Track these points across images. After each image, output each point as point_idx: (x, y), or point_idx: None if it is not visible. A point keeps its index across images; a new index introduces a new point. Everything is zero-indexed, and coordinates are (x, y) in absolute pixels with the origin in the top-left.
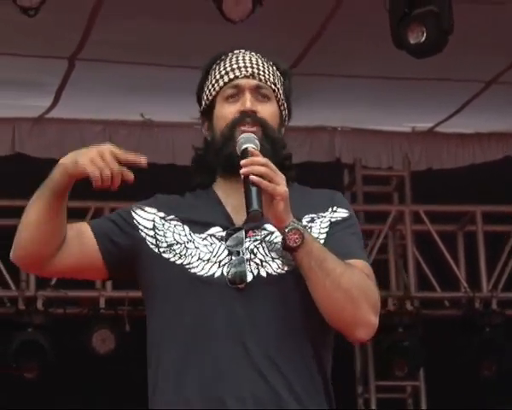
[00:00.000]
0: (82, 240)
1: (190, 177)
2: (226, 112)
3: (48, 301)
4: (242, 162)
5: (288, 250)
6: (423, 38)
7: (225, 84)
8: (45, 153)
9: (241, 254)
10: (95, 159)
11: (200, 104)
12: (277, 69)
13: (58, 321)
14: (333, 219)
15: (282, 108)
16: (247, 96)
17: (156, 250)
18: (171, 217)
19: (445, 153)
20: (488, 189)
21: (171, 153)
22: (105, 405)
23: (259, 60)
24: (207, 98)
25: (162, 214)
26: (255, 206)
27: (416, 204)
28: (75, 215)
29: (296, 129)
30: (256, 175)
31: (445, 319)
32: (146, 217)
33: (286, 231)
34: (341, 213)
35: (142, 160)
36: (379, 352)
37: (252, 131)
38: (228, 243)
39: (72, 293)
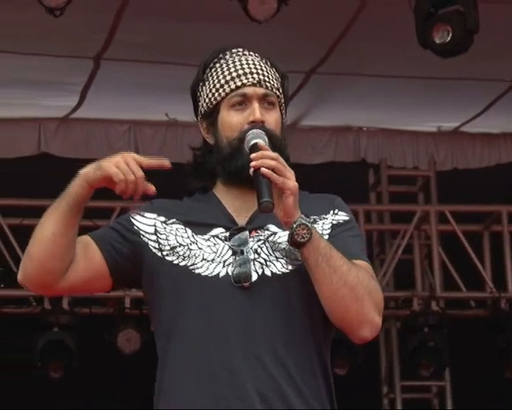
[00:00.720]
0: (87, 253)
1: (187, 179)
2: (234, 121)
3: (73, 300)
4: (253, 156)
5: (295, 246)
6: (449, 38)
7: (232, 91)
8: (70, 153)
9: (245, 254)
10: (119, 162)
11: (194, 101)
12: (276, 70)
13: (83, 321)
14: (334, 222)
15: (282, 112)
16: (256, 105)
17: (159, 254)
18: (173, 220)
19: (470, 153)
20: None
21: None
22: (130, 405)
23: (262, 63)
24: (210, 102)
25: (163, 218)
26: (266, 197)
27: (441, 204)
28: (98, 215)
29: (321, 129)
30: (266, 168)
31: (470, 320)
32: (146, 222)
33: (294, 226)
34: (342, 216)
35: (166, 163)
36: (404, 352)
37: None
38: (231, 242)
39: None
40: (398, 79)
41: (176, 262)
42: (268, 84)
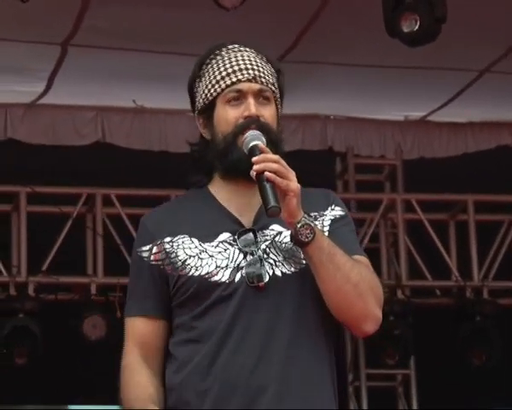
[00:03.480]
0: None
1: (186, 174)
2: (230, 116)
3: (39, 286)
4: (255, 159)
5: (299, 245)
6: (416, 27)
7: (227, 86)
8: (37, 139)
9: (255, 255)
10: None
11: (191, 97)
12: (272, 65)
13: (49, 307)
14: (332, 217)
15: (278, 106)
16: (251, 100)
17: (175, 273)
18: (178, 237)
19: (437, 142)
20: (480, 178)
21: (163, 140)
22: (94, 391)
23: (257, 59)
24: (206, 98)
25: (168, 239)
26: (273, 202)
27: (407, 193)
28: (66, 202)
29: (289, 117)
30: (269, 172)
31: (435, 308)
32: (154, 251)
33: (298, 226)
34: (339, 211)
35: None
36: (369, 340)
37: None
38: (240, 244)
39: (64, 279)
40: (365, 68)
41: (190, 274)
42: (263, 80)
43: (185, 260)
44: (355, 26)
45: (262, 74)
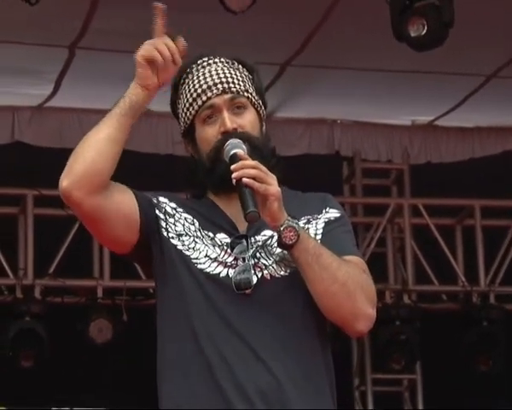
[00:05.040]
0: (124, 193)
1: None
2: (208, 135)
3: (45, 289)
4: (233, 167)
5: (284, 248)
6: (424, 31)
7: (199, 107)
8: (44, 142)
9: (246, 261)
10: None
11: (177, 118)
12: (244, 67)
13: (55, 310)
14: (326, 220)
15: (258, 108)
16: (225, 114)
17: (165, 234)
18: (182, 209)
19: (444, 147)
20: (487, 183)
21: (170, 143)
22: (101, 394)
23: (227, 67)
24: (185, 121)
25: (173, 205)
26: (251, 207)
27: (414, 197)
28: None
29: (296, 121)
30: (247, 178)
31: (442, 313)
32: (159, 201)
33: (281, 229)
34: (334, 213)
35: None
36: (376, 345)
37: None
38: (234, 250)
39: (70, 282)
40: (372, 72)
41: (179, 248)
42: (234, 89)
43: (181, 235)
44: (362, 30)
45: (232, 84)
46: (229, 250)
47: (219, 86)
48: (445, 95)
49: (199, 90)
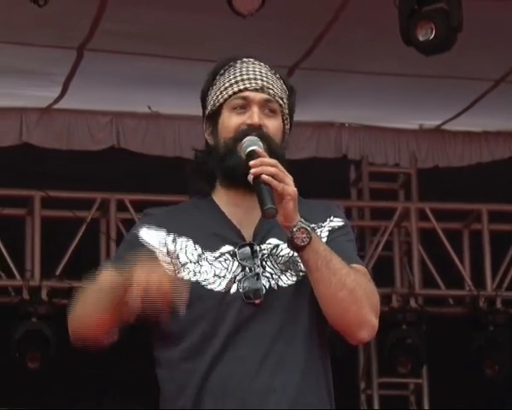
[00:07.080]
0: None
1: (189, 182)
2: (232, 122)
3: (52, 291)
4: (252, 163)
5: (295, 249)
6: (432, 36)
7: (234, 93)
8: (52, 143)
9: (253, 270)
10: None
11: (203, 106)
12: (284, 83)
13: (62, 311)
14: (330, 228)
15: (285, 122)
16: (255, 109)
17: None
18: (182, 238)
19: (451, 151)
20: (494, 187)
21: (178, 145)
22: (107, 395)
23: (268, 72)
24: (214, 104)
25: (172, 237)
26: (269, 204)
27: (421, 202)
28: (81, 206)
29: (303, 124)
30: (266, 175)
31: (449, 317)
32: (156, 237)
33: (294, 230)
34: (337, 222)
35: None
36: (382, 348)
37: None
38: (239, 258)
39: (77, 284)
40: (380, 76)
41: (187, 278)
42: (271, 91)
43: (185, 264)
44: (370, 33)
45: (270, 86)
46: (236, 262)
47: (259, 82)
48: (452, 99)
49: (238, 78)
